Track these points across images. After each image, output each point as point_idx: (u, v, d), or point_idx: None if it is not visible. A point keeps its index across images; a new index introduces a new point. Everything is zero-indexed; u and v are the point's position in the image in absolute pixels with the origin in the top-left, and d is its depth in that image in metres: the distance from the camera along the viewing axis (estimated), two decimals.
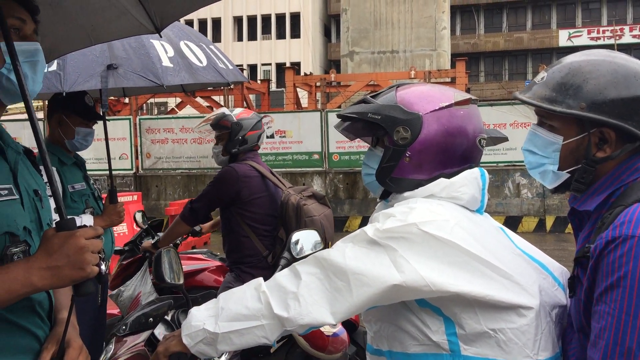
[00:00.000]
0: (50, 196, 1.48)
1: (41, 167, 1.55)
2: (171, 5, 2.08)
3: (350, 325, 3.38)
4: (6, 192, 1.34)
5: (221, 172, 3.38)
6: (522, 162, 1.38)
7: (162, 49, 3.11)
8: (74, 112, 3.09)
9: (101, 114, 3.23)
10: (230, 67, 3.52)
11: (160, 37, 2.29)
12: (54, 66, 2.78)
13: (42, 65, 1.46)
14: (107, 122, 3.30)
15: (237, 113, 3.47)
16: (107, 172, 3.58)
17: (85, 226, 1.31)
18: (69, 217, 1.31)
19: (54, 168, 1.41)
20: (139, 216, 4.00)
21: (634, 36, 35.80)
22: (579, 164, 1.39)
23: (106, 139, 3.42)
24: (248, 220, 3.34)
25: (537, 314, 1.40)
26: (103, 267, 1.31)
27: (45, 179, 1.46)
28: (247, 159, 3.45)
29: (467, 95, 1.57)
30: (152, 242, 3.61)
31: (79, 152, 3.25)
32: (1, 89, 1.38)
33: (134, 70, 3.00)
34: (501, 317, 1.39)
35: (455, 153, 1.54)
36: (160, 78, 3.02)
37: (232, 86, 14.87)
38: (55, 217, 1.34)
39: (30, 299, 1.35)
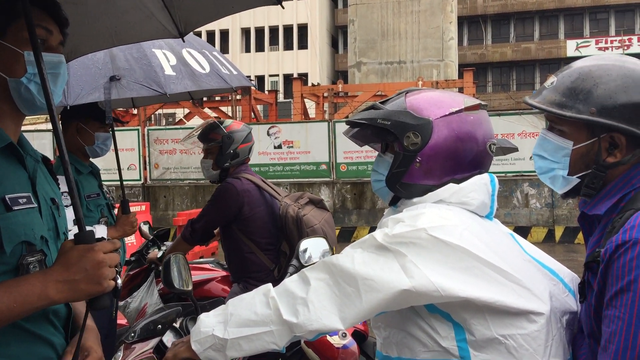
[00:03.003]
0: (67, 206, 1.48)
1: (59, 177, 1.56)
2: (196, 13, 2.09)
3: (359, 335, 3.35)
4: (25, 200, 1.33)
5: (220, 190, 3.27)
6: (531, 172, 1.37)
7: (164, 57, 3.09)
8: (91, 118, 3.10)
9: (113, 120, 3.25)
10: (235, 72, 3.48)
11: (184, 41, 2.30)
12: None
13: (64, 78, 1.46)
14: (115, 132, 3.30)
15: (227, 125, 3.34)
16: (115, 183, 3.58)
17: (103, 239, 1.30)
18: (87, 228, 1.30)
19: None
20: (144, 227, 3.98)
21: None
22: (589, 169, 1.38)
23: (115, 150, 3.43)
24: (251, 235, 3.25)
25: (547, 320, 1.39)
26: (119, 281, 1.31)
27: (63, 189, 1.46)
28: (239, 172, 3.35)
29: (477, 101, 1.57)
30: (158, 254, 3.59)
31: (93, 160, 3.26)
32: (20, 98, 1.37)
33: (137, 81, 2.98)
34: (511, 323, 1.38)
35: (465, 158, 1.54)
36: (163, 87, 3.00)
37: (239, 97, 14.95)
38: (72, 226, 1.33)
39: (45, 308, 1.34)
